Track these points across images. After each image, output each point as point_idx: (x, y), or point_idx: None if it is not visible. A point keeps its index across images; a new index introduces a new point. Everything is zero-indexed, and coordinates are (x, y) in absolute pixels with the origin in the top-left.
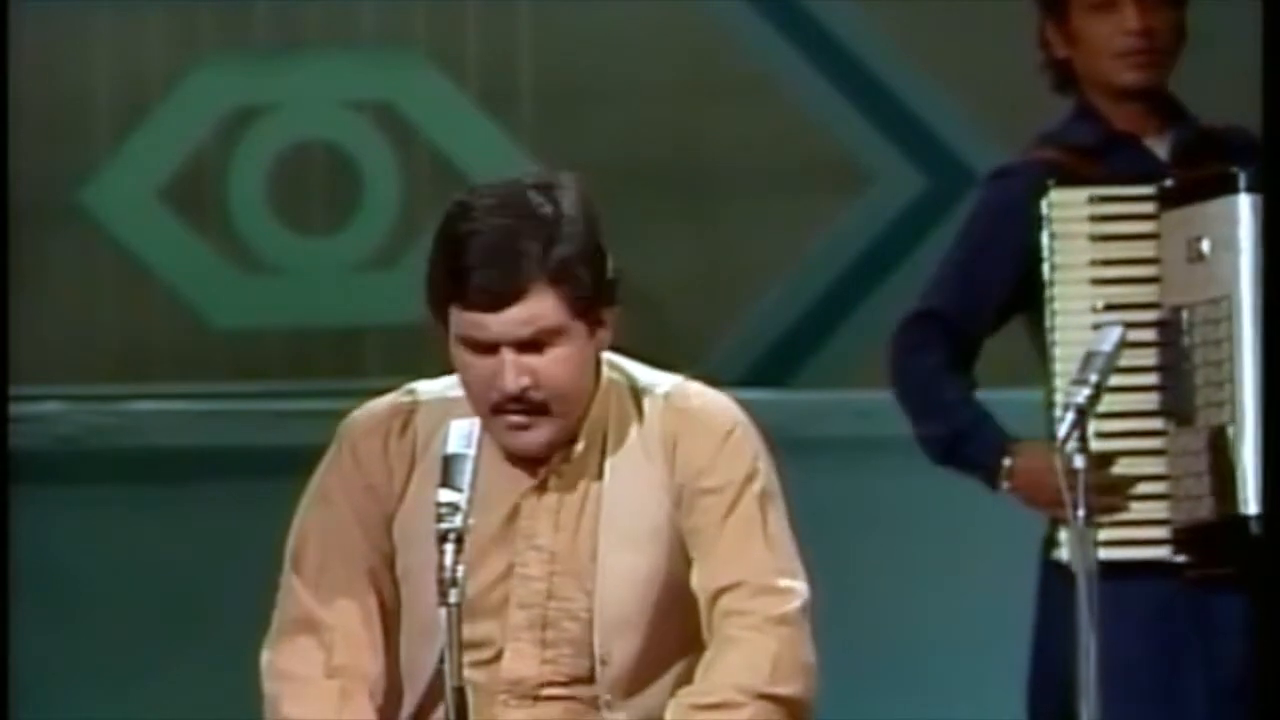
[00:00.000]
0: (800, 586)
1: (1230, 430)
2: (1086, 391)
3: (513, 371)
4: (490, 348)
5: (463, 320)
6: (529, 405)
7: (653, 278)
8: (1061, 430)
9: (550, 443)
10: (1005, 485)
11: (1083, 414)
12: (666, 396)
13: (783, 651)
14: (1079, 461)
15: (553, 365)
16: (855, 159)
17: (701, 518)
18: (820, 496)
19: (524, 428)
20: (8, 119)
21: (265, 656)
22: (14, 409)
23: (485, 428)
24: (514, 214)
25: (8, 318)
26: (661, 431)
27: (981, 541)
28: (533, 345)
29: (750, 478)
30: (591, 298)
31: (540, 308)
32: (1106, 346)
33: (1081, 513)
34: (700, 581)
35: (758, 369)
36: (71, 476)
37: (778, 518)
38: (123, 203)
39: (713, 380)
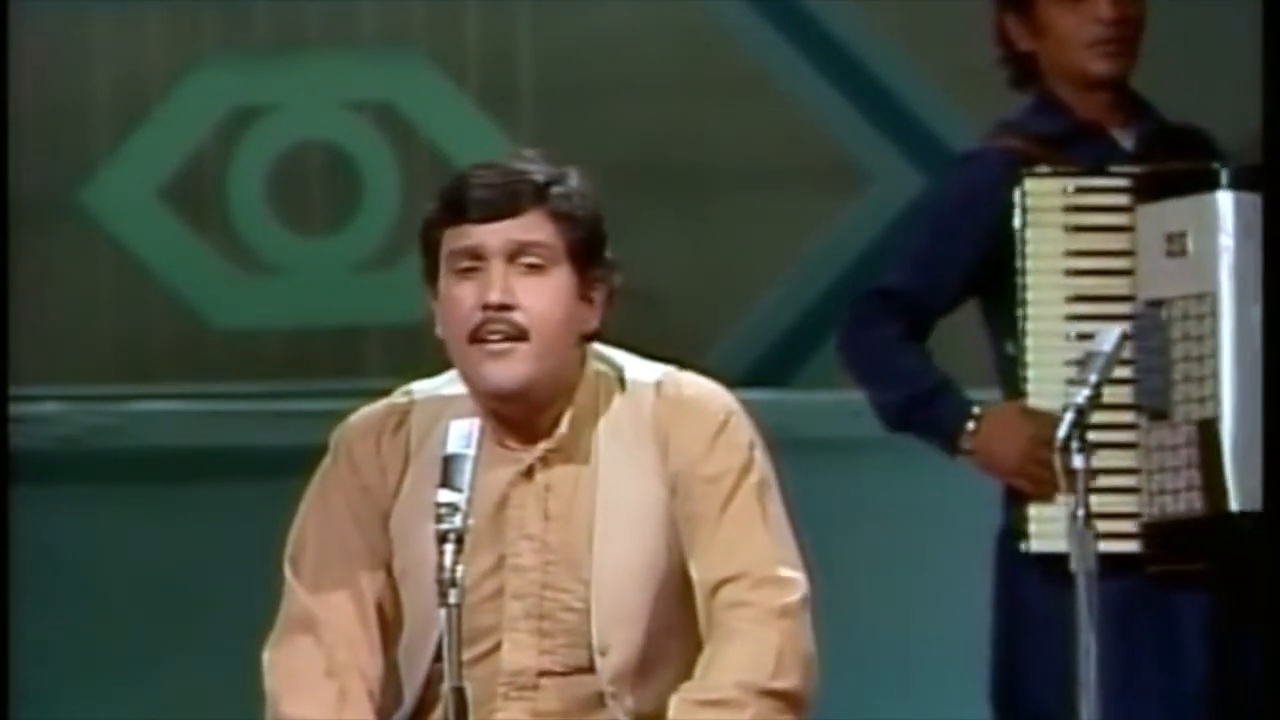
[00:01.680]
0: (800, 577)
1: (1213, 426)
2: (1086, 392)
3: (499, 283)
4: (478, 259)
5: (456, 234)
6: (508, 328)
7: (652, 277)
8: (1061, 430)
9: (526, 382)
10: (967, 447)
11: (1082, 414)
12: (657, 385)
13: (785, 645)
14: (1079, 461)
15: (537, 292)
16: (855, 159)
17: (698, 507)
18: (819, 496)
19: (500, 356)
20: (8, 119)
21: (266, 656)
22: (14, 409)
23: (462, 366)
24: (518, 159)
25: (8, 318)
26: (653, 420)
27: (980, 541)
28: (521, 266)
29: (747, 468)
30: (585, 249)
31: (535, 230)
32: (1106, 347)
33: (1081, 513)
34: (699, 573)
35: (757, 369)
36: (71, 476)
37: (775, 507)
38: (122, 203)
39: (711, 375)
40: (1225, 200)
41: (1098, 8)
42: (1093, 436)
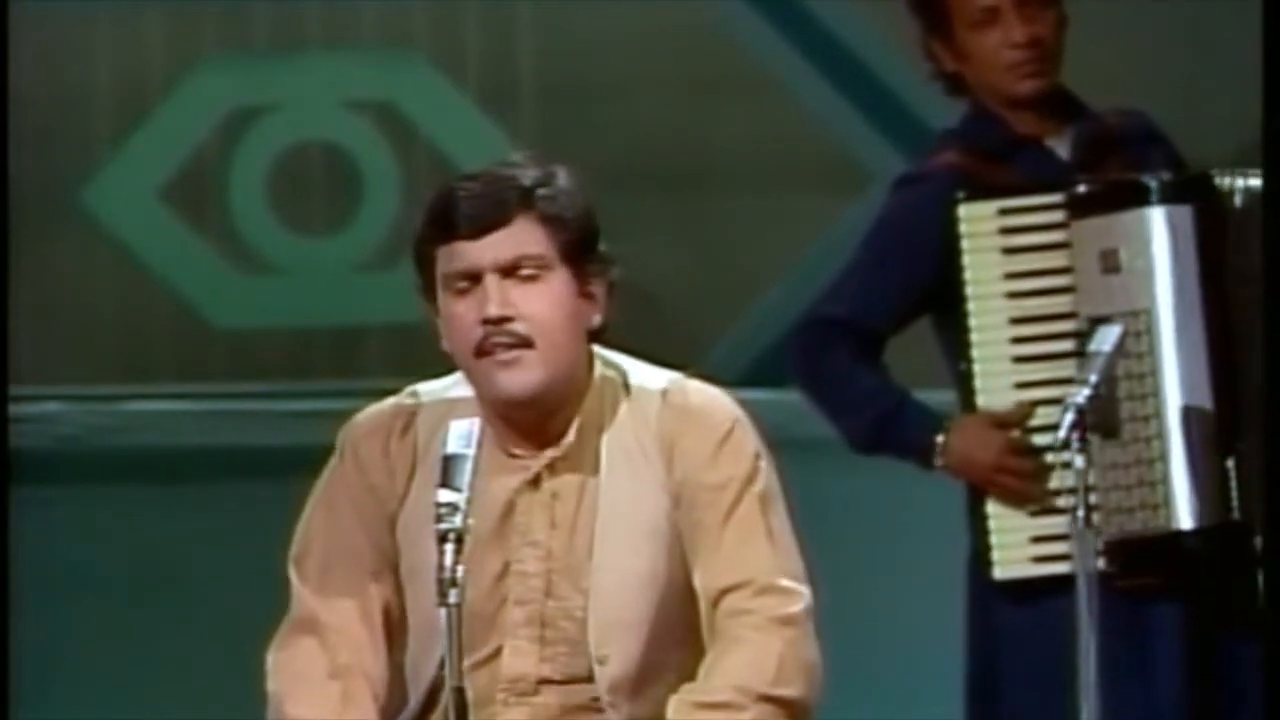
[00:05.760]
0: (804, 588)
1: (1157, 444)
2: (1086, 391)
3: (496, 297)
4: (474, 279)
5: (449, 254)
6: (511, 338)
7: (652, 277)
8: (1062, 430)
9: (539, 388)
10: (940, 461)
11: (1083, 414)
12: (664, 394)
13: (787, 652)
14: (1079, 461)
15: (535, 298)
16: (855, 159)
17: (702, 516)
18: (819, 496)
19: (510, 365)
20: (8, 119)
21: (269, 657)
22: (14, 409)
23: (473, 379)
24: (503, 165)
25: (8, 318)
26: (659, 429)
27: None
28: (516, 276)
29: (751, 478)
30: (579, 248)
31: (524, 236)
32: (1106, 347)
33: (1082, 514)
34: (702, 582)
35: (757, 369)
36: (71, 476)
37: (779, 518)
38: (123, 203)
39: (711, 379)
40: (1156, 215)
41: (1011, 32)
42: (1050, 458)
